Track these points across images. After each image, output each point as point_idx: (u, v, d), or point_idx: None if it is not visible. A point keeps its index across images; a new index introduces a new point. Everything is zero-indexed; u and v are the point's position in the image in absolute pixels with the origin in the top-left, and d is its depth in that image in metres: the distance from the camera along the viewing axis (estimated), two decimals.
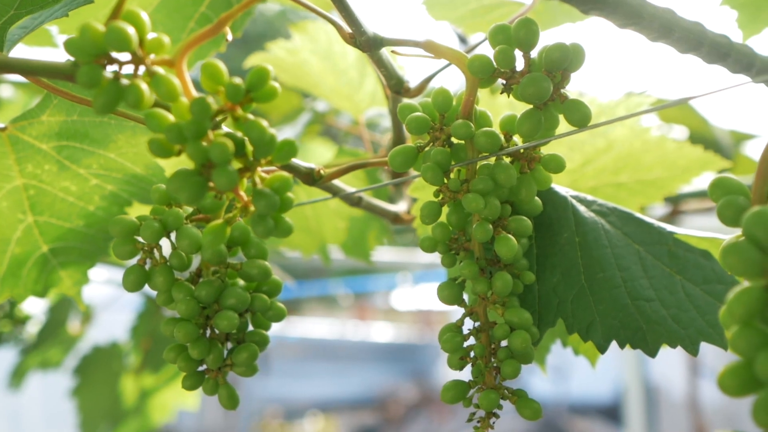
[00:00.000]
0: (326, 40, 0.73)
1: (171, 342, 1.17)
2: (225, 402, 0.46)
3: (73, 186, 0.52)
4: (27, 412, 4.37)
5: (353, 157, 0.69)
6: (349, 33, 0.45)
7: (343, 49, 0.73)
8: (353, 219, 0.74)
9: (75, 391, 1.13)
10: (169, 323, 0.45)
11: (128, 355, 1.15)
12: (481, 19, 0.60)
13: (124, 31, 0.33)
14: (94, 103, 0.34)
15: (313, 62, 0.73)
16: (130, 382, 1.13)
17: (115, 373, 1.12)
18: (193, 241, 0.44)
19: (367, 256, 0.79)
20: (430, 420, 6.88)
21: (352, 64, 0.74)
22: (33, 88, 0.99)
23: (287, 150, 0.36)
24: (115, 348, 1.15)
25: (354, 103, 0.74)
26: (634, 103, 0.58)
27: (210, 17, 0.56)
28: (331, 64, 0.73)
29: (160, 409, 1.14)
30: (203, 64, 0.35)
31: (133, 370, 1.13)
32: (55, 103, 0.48)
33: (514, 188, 0.44)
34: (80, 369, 1.14)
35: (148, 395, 1.13)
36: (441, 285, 0.44)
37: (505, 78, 0.42)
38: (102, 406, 1.11)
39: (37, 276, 0.56)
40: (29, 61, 0.35)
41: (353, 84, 0.73)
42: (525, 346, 0.42)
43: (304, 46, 0.73)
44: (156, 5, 0.56)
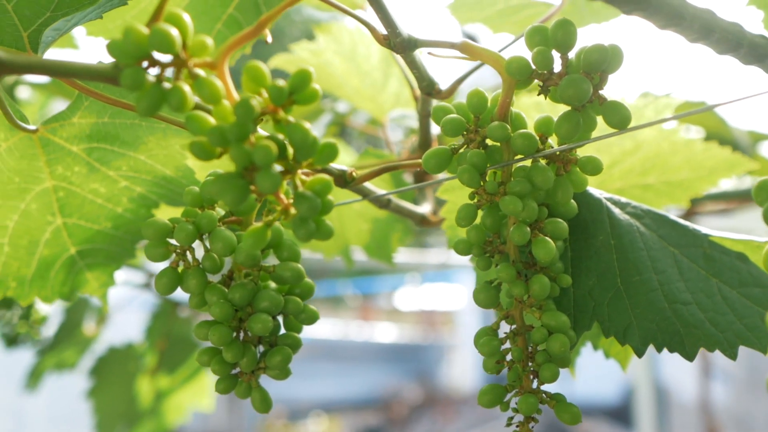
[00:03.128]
0: (350, 41, 0.73)
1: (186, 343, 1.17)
2: (258, 405, 0.46)
3: (102, 188, 0.52)
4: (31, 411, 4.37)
5: (378, 158, 0.69)
6: (383, 35, 0.44)
7: (367, 51, 0.73)
8: (376, 221, 0.74)
9: (91, 392, 1.13)
10: (202, 326, 0.45)
11: (143, 356, 1.15)
12: (507, 20, 0.60)
13: (168, 33, 0.33)
14: (138, 107, 0.34)
15: (337, 63, 0.73)
16: (145, 383, 1.13)
17: (131, 374, 1.12)
18: (227, 244, 0.44)
19: (389, 258, 0.79)
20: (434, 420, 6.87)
21: (376, 66, 0.73)
22: (50, 89, 0.99)
23: (329, 152, 0.36)
24: (130, 349, 1.15)
25: (377, 104, 0.73)
26: (662, 105, 0.58)
27: (237, 19, 0.56)
28: (355, 65, 0.73)
29: (175, 410, 1.14)
30: (246, 65, 0.35)
31: (149, 371, 1.13)
32: (86, 105, 0.48)
33: (551, 190, 0.43)
34: (96, 370, 1.14)
35: (164, 396, 1.13)
36: (477, 288, 0.44)
37: (542, 79, 0.42)
38: (118, 407, 1.10)
39: (65, 278, 0.56)
40: (71, 63, 0.35)
41: (377, 85, 0.72)
42: (564, 349, 0.41)
43: (327, 47, 0.73)
44: (184, 7, 0.55)
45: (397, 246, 0.78)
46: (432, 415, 6.99)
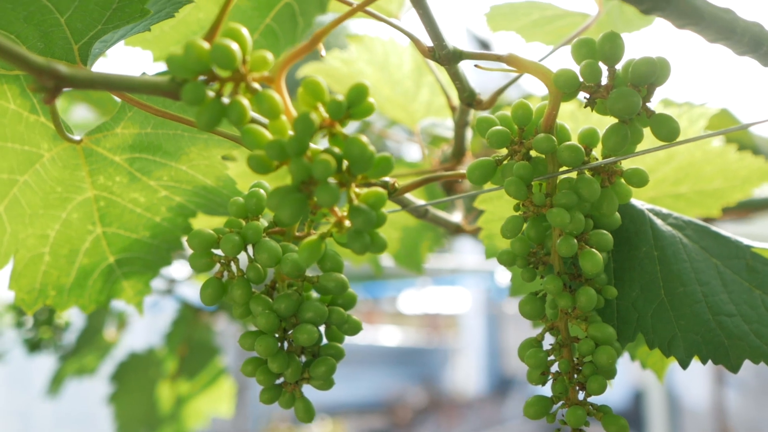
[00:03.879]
0: (382, 51, 0.73)
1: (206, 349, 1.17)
2: (302, 415, 0.46)
3: (142, 197, 0.53)
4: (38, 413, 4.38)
5: (412, 168, 0.69)
6: (428, 47, 0.45)
7: (399, 60, 0.73)
8: (406, 229, 0.74)
9: (112, 397, 1.13)
10: (247, 337, 0.45)
11: (163, 361, 1.15)
12: (540, 30, 0.60)
13: (230, 49, 0.33)
14: (198, 121, 0.34)
15: (369, 72, 0.73)
16: (166, 388, 1.13)
17: (151, 380, 1.12)
18: (272, 254, 0.44)
19: (419, 266, 0.79)
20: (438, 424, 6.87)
21: (408, 75, 0.74)
22: (72, 94, 0.99)
23: (384, 166, 0.36)
24: (151, 354, 1.15)
25: (409, 114, 0.74)
26: (697, 114, 0.58)
27: (274, 30, 0.56)
28: (386, 74, 0.73)
29: (194, 416, 1.15)
30: (304, 80, 0.35)
31: (169, 377, 1.13)
32: (129, 116, 0.49)
33: (596, 202, 0.44)
34: (117, 375, 1.14)
35: (183, 402, 1.13)
36: (523, 300, 0.44)
37: (590, 92, 0.42)
38: (139, 412, 1.11)
39: (102, 286, 0.56)
40: (131, 77, 0.35)
41: (408, 94, 0.73)
42: (611, 361, 0.42)
43: (360, 57, 0.73)
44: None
45: (426, 254, 0.78)
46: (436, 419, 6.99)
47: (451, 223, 0.58)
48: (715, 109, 0.59)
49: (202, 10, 0.55)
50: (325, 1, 0.58)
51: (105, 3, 0.40)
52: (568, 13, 0.59)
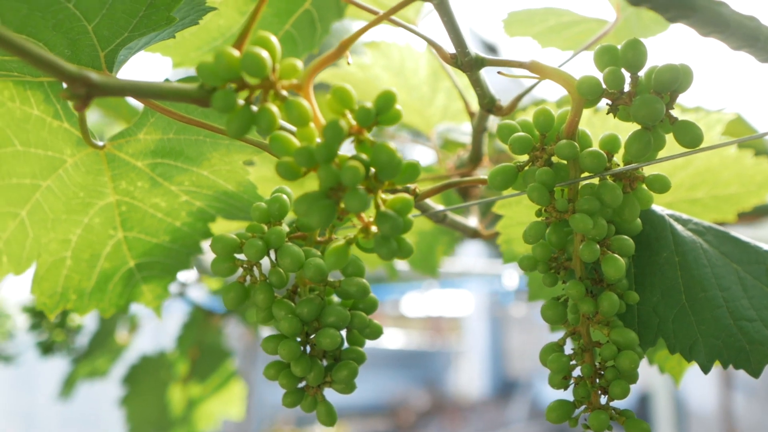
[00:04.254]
0: (399, 56, 0.74)
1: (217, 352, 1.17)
2: (324, 419, 0.46)
3: (163, 202, 0.53)
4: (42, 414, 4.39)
5: (426, 173, 0.69)
6: (450, 54, 0.45)
7: (415, 65, 0.74)
8: (422, 234, 0.74)
9: (124, 400, 1.14)
10: (270, 341, 0.45)
11: (174, 364, 1.16)
12: (557, 36, 0.61)
13: (261, 57, 0.34)
14: (228, 128, 0.34)
15: (385, 78, 0.73)
16: (177, 391, 1.14)
17: (163, 382, 1.12)
18: (295, 259, 0.44)
19: (434, 270, 0.79)
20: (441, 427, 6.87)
21: (424, 80, 0.74)
22: None
23: (411, 172, 0.37)
24: (162, 357, 1.15)
25: (425, 118, 0.74)
26: (714, 120, 0.58)
27: (293, 35, 0.57)
28: (403, 79, 0.73)
29: (205, 418, 1.15)
30: (333, 88, 0.35)
31: (181, 380, 1.13)
32: (152, 122, 0.49)
33: (618, 208, 0.44)
34: (129, 378, 1.14)
35: (195, 404, 1.14)
36: (546, 305, 0.45)
37: (612, 98, 0.42)
38: (150, 415, 1.11)
39: (122, 290, 0.57)
40: (160, 85, 0.35)
41: (424, 99, 0.73)
42: (634, 366, 0.42)
43: (376, 62, 0.73)
44: (242, 24, 0.56)
45: (441, 258, 0.78)
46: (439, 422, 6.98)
47: (468, 227, 0.58)
48: (731, 114, 0.59)
49: (222, 17, 0.55)
50: (342, 7, 0.58)
51: (132, 11, 0.41)
52: (584, 20, 0.59)
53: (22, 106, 0.49)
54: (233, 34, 0.56)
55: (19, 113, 0.49)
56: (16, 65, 0.44)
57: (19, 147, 0.50)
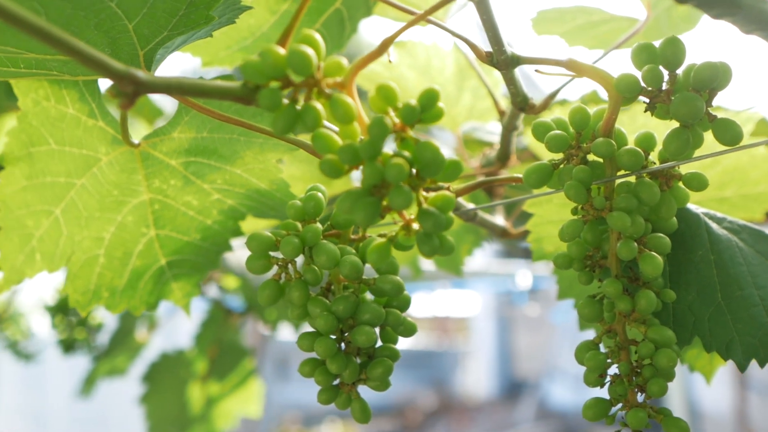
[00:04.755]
0: (425, 55, 0.74)
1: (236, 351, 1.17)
2: (358, 416, 0.46)
3: (195, 200, 0.53)
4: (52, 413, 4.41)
5: None
6: (485, 52, 0.45)
7: (441, 64, 0.74)
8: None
9: (144, 397, 1.14)
10: (305, 338, 0.45)
11: (193, 362, 1.16)
12: (585, 34, 0.61)
13: (307, 55, 0.34)
14: (274, 126, 0.34)
15: (410, 77, 0.73)
16: (196, 389, 1.14)
17: (182, 381, 1.13)
18: (330, 257, 0.45)
19: (459, 269, 0.79)
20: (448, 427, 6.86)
21: (450, 79, 0.74)
22: None
23: (453, 170, 0.37)
24: (182, 355, 1.16)
25: (450, 117, 0.74)
26: (744, 119, 0.58)
27: (323, 34, 0.57)
28: (428, 78, 0.73)
29: (223, 416, 1.15)
30: (378, 85, 0.35)
31: (200, 378, 1.14)
32: (186, 120, 0.49)
33: (655, 206, 0.44)
34: (149, 376, 1.15)
35: (214, 402, 1.14)
36: (582, 303, 0.45)
37: (650, 96, 0.42)
38: (170, 412, 1.11)
39: (152, 288, 0.57)
40: (204, 83, 0.35)
41: (450, 98, 0.73)
42: (672, 364, 0.42)
43: (401, 61, 0.74)
44: (272, 23, 0.56)
45: (465, 256, 0.78)
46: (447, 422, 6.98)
47: (497, 226, 0.58)
48: (761, 114, 0.59)
49: (253, 16, 0.55)
50: (371, 6, 0.59)
51: (172, 10, 0.41)
52: (614, 18, 0.59)
53: (57, 105, 0.49)
54: (263, 33, 0.57)
55: (54, 112, 0.50)
56: (56, 64, 0.44)
57: (53, 146, 0.50)
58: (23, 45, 0.40)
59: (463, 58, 0.74)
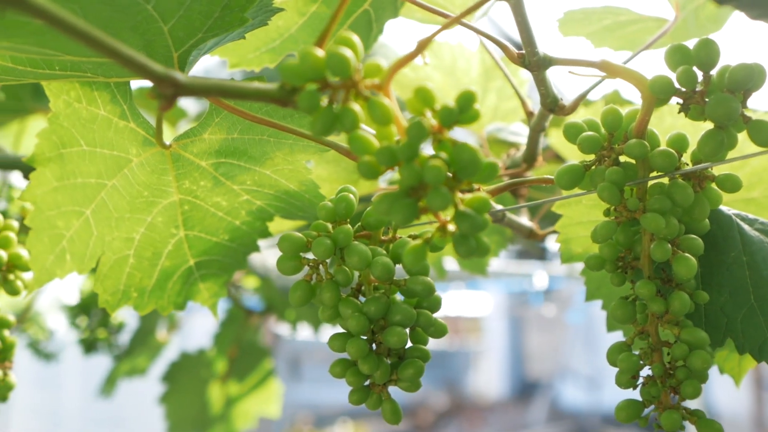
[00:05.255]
0: (450, 56, 0.74)
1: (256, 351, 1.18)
2: (389, 417, 0.47)
3: (224, 201, 0.53)
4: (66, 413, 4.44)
5: None
6: (517, 53, 0.45)
7: (467, 65, 0.74)
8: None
9: (164, 397, 1.15)
10: (336, 339, 0.46)
11: (213, 362, 1.17)
12: (612, 35, 0.61)
13: (346, 57, 0.34)
14: (313, 128, 0.35)
15: (436, 78, 0.73)
16: (216, 389, 1.15)
17: (202, 381, 1.13)
18: (362, 258, 0.45)
19: (483, 269, 0.79)
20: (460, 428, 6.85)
21: (475, 80, 0.74)
22: None
23: (490, 171, 0.37)
24: (202, 355, 1.16)
25: None
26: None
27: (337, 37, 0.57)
28: (454, 79, 0.74)
29: (243, 416, 1.16)
30: (416, 87, 0.36)
31: (220, 378, 1.14)
32: (216, 122, 0.50)
33: (688, 207, 0.44)
34: (169, 376, 1.15)
35: (233, 402, 1.15)
36: (615, 304, 0.45)
37: (684, 97, 0.42)
38: (190, 412, 1.12)
39: (180, 288, 0.57)
40: (242, 85, 0.36)
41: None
42: (706, 366, 0.42)
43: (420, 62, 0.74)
44: (300, 25, 0.56)
45: (490, 257, 0.78)
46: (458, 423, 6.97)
47: (524, 227, 0.58)
48: None
49: (282, 18, 0.56)
50: (398, 7, 0.59)
51: (208, 12, 0.41)
52: (642, 18, 0.59)
53: (88, 106, 0.50)
54: (291, 34, 0.57)
55: (86, 113, 0.50)
56: (91, 66, 0.44)
57: (84, 147, 0.51)
58: (61, 47, 0.40)
59: (489, 59, 0.74)
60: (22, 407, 4.19)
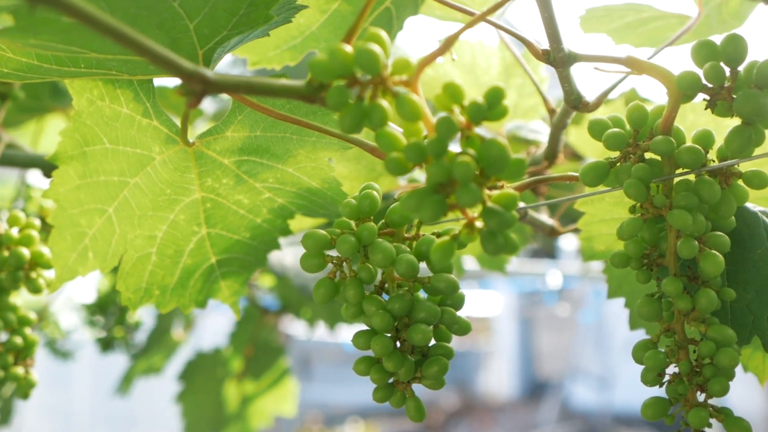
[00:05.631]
0: (470, 54, 0.74)
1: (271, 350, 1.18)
2: (413, 414, 0.47)
3: (246, 199, 0.54)
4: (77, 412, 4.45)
5: None
6: (542, 50, 0.45)
7: (486, 63, 0.74)
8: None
9: (180, 396, 1.15)
10: (361, 336, 0.46)
11: (229, 361, 1.17)
12: (633, 32, 0.60)
13: (375, 53, 0.34)
14: (342, 125, 0.35)
15: (455, 75, 0.73)
16: (232, 388, 1.15)
17: (219, 379, 1.14)
18: (387, 255, 0.45)
19: (503, 267, 0.79)
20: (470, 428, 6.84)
21: (495, 78, 0.74)
22: None
23: (518, 168, 0.37)
24: (218, 354, 1.17)
25: None
26: None
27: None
28: (473, 77, 0.74)
29: (258, 415, 1.16)
30: (445, 83, 0.35)
31: (236, 377, 1.15)
32: (239, 119, 0.50)
33: (715, 204, 0.44)
34: (185, 375, 1.16)
35: (249, 401, 1.15)
36: (641, 302, 0.44)
37: (710, 93, 0.42)
38: (206, 411, 1.12)
39: (201, 286, 0.57)
40: (270, 82, 0.36)
41: None
42: (734, 363, 0.41)
43: (446, 60, 0.74)
44: (322, 22, 0.56)
45: (509, 256, 0.78)
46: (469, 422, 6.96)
47: (546, 225, 0.58)
48: None
49: (303, 16, 0.56)
50: (419, 4, 0.59)
51: (233, 9, 0.41)
52: (664, 15, 0.58)
53: (111, 104, 0.50)
54: (312, 32, 0.57)
55: (109, 111, 0.50)
56: (116, 64, 0.45)
57: (107, 145, 0.51)
58: (88, 45, 0.41)
59: (509, 56, 0.73)
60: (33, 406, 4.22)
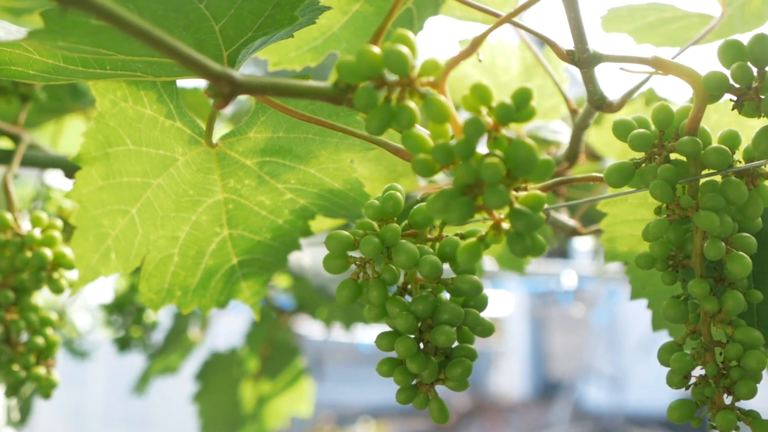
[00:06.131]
0: (490, 54, 0.74)
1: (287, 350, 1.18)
2: (437, 416, 0.47)
3: (268, 200, 0.54)
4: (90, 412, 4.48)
5: None
6: (566, 50, 0.45)
7: (506, 63, 0.73)
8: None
9: (197, 396, 1.16)
10: (384, 338, 0.46)
11: (245, 361, 1.17)
12: (654, 32, 0.60)
13: (403, 54, 0.34)
14: (368, 126, 0.35)
15: (475, 76, 0.73)
16: (248, 388, 1.15)
17: (235, 379, 1.14)
18: (410, 256, 0.45)
19: (522, 268, 0.79)
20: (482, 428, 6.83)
21: (515, 78, 0.74)
22: None
23: (546, 169, 0.36)
24: (234, 354, 1.17)
25: None
26: None
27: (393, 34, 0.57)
28: (493, 77, 0.73)
29: (274, 415, 1.16)
30: (473, 84, 0.35)
31: (252, 377, 1.15)
32: (262, 120, 0.50)
33: (741, 205, 0.43)
34: (202, 375, 1.16)
35: (265, 401, 1.15)
36: (667, 303, 0.44)
37: (738, 94, 0.42)
38: (222, 411, 1.13)
39: (222, 287, 0.57)
40: (297, 83, 0.36)
41: None
42: (761, 366, 0.41)
43: (466, 60, 0.73)
44: (343, 23, 0.57)
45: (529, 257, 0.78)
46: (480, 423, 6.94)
47: (567, 225, 0.58)
48: None
49: (325, 17, 0.56)
50: (440, 4, 0.59)
51: (258, 11, 0.41)
52: (686, 15, 0.58)
53: (134, 105, 0.50)
54: (333, 33, 0.57)
55: (132, 113, 0.51)
56: (141, 65, 0.45)
57: (131, 146, 0.51)
58: (115, 47, 0.41)
59: (529, 57, 0.73)
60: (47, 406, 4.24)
